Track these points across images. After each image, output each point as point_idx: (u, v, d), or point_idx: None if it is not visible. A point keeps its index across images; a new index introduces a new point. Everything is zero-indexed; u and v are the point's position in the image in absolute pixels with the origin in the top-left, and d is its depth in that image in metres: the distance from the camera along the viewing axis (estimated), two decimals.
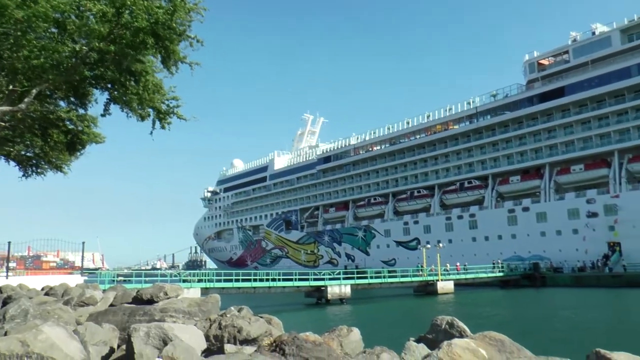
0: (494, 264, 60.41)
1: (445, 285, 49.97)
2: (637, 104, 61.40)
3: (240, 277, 40.60)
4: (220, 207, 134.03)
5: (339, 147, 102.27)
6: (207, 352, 8.27)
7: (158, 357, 7.06)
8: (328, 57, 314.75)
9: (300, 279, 43.59)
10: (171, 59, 15.31)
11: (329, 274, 45.69)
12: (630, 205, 59.06)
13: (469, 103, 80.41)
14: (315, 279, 43.98)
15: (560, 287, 54.15)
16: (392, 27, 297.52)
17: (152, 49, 14.51)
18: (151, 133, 17.09)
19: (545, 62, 73.56)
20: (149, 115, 16.89)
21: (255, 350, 7.05)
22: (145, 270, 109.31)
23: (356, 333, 8.72)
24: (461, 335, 8.12)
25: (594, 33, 68.03)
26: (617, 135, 63.08)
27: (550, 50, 73.04)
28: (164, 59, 15.37)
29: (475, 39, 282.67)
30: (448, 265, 58.23)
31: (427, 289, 49.42)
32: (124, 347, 8.12)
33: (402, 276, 51.45)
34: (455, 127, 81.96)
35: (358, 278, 47.47)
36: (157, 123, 17.08)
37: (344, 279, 45.21)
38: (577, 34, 70.60)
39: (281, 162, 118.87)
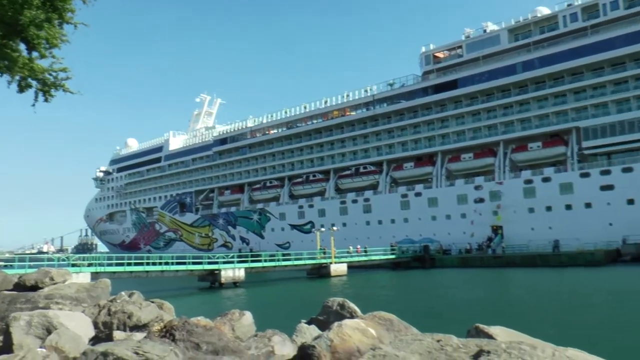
0: (392, 246, 62.63)
1: (338, 268, 50.63)
2: (521, 99, 65.46)
3: (133, 261, 39.36)
4: (112, 187, 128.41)
5: (236, 129, 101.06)
6: (95, 340, 7.92)
7: (40, 347, 6.72)
8: (226, 38, 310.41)
9: (193, 263, 42.99)
10: (61, 18, 13.92)
11: (223, 258, 45.28)
12: (512, 192, 62.94)
13: (366, 91, 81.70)
14: (209, 263, 43.35)
15: (448, 267, 56.47)
16: (292, 14, 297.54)
17: (36, 9, 13.23)
18: (33, 105, 15.72)
19: (440, 55, 76.22)
20: (31, 87, 15.50)
21: (145, 337, 6.90)
22: (30, 254, 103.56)
23: (248, 317, 8.74)
24: (352, 315, 8.33)
25: (485, 31, 71.54)
26: (503, 127, 66.71)
27: (445, 44, 75.75)
28: (48, 18, 13.98)
29: (376, 28, 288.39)
30: (351, 247, 60.07)
31: (321, 272, 49.87)
32: (1, 338, 7.68)
33: (296, 259, 51.95)
34: (352, 113, 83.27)
35: (252, 261, 47.24)
36: (40, 96, 15.66)
37: (238, 262, 44.83)
38: (471, 30, 73.73)
39: (177, 142, 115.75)
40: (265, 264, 48.56)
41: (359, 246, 62.07)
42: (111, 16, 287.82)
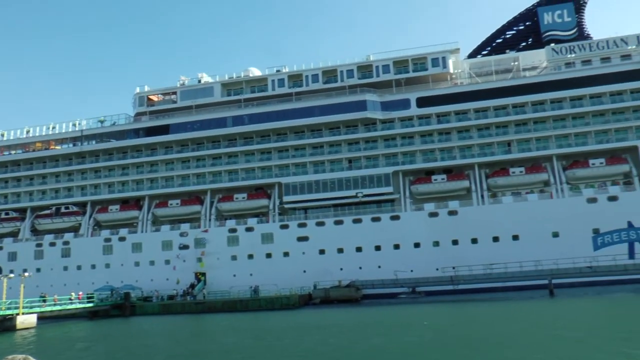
0: (112, 292, 59.61)
1: (26, 320, 44.03)
2: (230, 151, 67.50)
3: None
4: None
5: None
6: None
7: None
8: None
9: None
10: None
11: None
12: (216, 240, 63.69)
13: (74, 125, 74.91)
14: None
15: (149, 315, 54.16)
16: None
17: None
18: None
19: (154, 98, 74.08)
20: None
21: None
22: None
23: None
24: None
25: (200, 81, 72.38)
26: (211, 176, 67.45)
27: (160, 87, 74.39)
28: None
29: (97, 60, 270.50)
30: (73, 294, 54.71)
31: (4, 325, 42.80)
32: None
33: None
34: (57, 147, 75.43)
35: None
36: None
37: None
38: (186, 78, 73.57)
39: None
40: None
41: (80, 292, 56.44)
42: None
